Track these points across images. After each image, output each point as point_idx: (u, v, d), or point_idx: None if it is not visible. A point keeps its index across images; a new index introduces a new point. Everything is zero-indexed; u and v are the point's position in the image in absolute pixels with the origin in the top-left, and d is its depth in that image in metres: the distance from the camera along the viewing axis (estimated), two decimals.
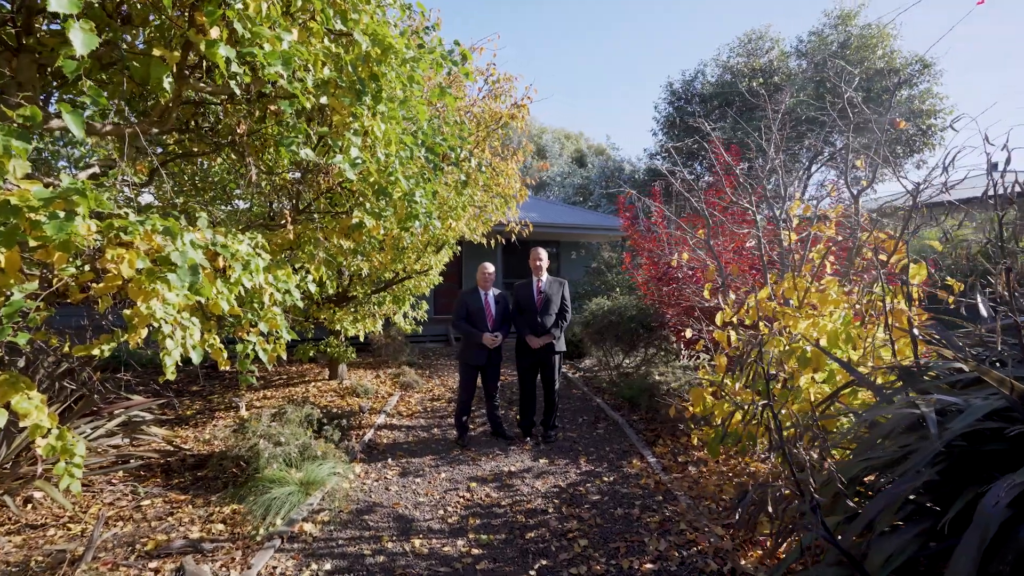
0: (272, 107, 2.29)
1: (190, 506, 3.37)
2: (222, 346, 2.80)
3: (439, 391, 6.93)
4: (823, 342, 3.14)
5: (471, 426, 5.14)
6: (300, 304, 2.85)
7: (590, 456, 4.46)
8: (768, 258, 4.81)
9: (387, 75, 2.35)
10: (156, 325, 1.77)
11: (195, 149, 3.37)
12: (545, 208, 14.32)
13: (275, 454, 3.58)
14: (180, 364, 2.05)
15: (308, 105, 2.08)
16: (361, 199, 3.65)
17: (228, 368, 2.76)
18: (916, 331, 2.61)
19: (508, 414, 5.73)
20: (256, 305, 2.83)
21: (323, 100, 2.15)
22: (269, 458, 3.55)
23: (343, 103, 2.21)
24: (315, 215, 3.55)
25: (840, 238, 3.79)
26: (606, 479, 3.97)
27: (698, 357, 6.00)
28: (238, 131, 2.48)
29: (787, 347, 3.15)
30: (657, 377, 4.92)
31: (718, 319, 3.51)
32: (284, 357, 2.70)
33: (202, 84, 2.31)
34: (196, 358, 1.92)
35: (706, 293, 4.19)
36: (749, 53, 16.43)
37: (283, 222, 3.18)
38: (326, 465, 3.72)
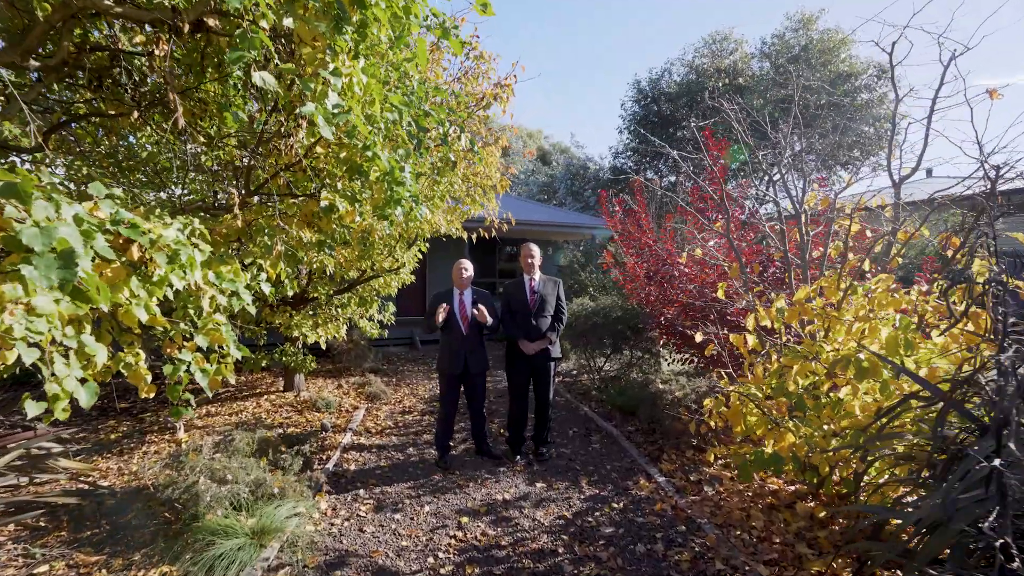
0: (212, 21, 1.63)
1: (104, 570, 2.61)
2: (145, 366, 2.12)
3: (409, 402, 6.27)
4: (874, 347, 2.76)
5: (450, 443, 4.52)
6: (251, 309, 2.19)
7: (591, 477, 3.96)
8: (780, 254, 4.46)
9: (376, 4, 1.74)
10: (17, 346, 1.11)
11: (111, 112, 2.63)
12: (515, 205, 13.82)
13: (219, 495, 2.87)
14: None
15: (265, 24, 1.46)
16: (329, 180, 2.99)
17: (154, 395, 2.07)
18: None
19: (489, 426, 5.16)
20: (192, 311, 2.15)
21: (288, 23, 1.53)
22: (212, 501, 2.84)
23: (316, 30, 1.59)
24: (272, 198, 2.87)
25: (869, 232, 3.46)
26: (616, 505, 3.48)
27: (692, 361, 5.63)
28: (157, 56, 1.79)
29: (837, 355, 2.75)
30: (660, 385, 4.49)
31: (749, 323, 3.08)
32: (232, 380, 2.03)
33: (108, 2, 1.62)
34: (86, 399, 1.25)
35: (720, 293, 3.78)
36: (714, 54, 16.52)
37: (230, 205, 2.50)
38: (285, 505, 3.04)
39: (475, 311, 3.99)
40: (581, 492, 3.70)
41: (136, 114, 1.99)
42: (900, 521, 1.99)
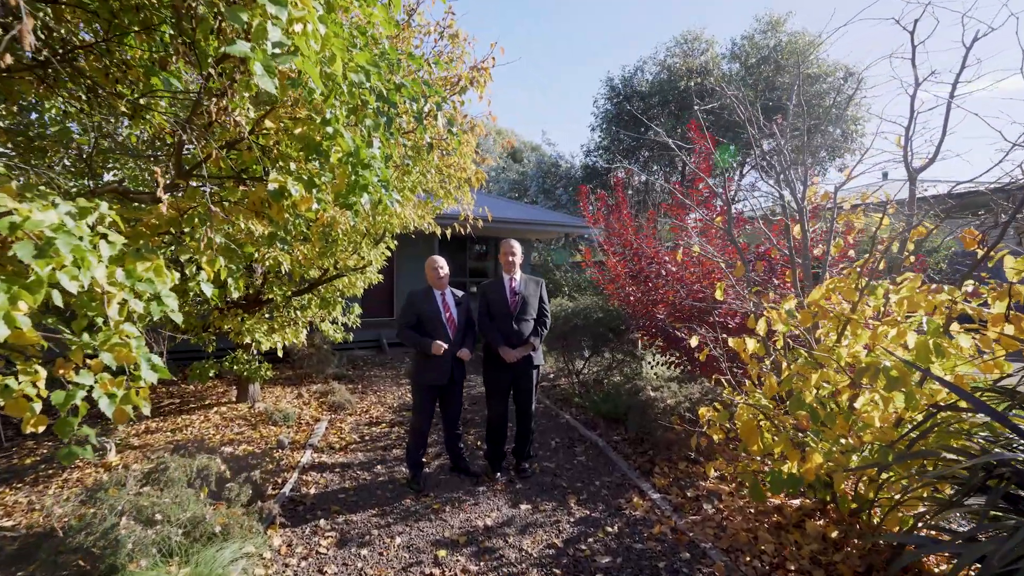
0: None
1: None
2: (36, 391, 1.65)
3: (377, 411, 5.79)
4: (899, 353, 2.51)
5: (424, 459, 4.08)
6: (177, 317, 1.74)
7: (580, 495, 3.62)
8: (772, 251, 4.24)
9: None
10: None
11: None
12: (489, 202, 13.44)
13: (145, 540, 2.37)
14: None
15: None
16: (282, 162, 2.54)
17: (43, 428, 1.61)
18: None
19: (465, 438, 4.76)
20: (99, 319, 1.68)
21: None
22: (135, 548, 2.34)
23: None
24: (209, 180, 2.39)
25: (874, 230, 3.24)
26: (610, 529, 3.14)
27: (678, 364, 5.37)
28: None
29: (855, 361, 2.49)
30: (651, 393, 4.19)
31: (760, 326, 2.80)
32: (146, 410, 1.57)
33: None
34: None
35: (718, 293, 3.50)
36: (685, 54, 16.54)
37: (153, 189, 2.03)
38: (229, 547, 2.56)
39: (461, 354, 3.66)
40: (570, 514, 3.35)
41: (9, 57, 1.50)
42: (957, 558, 1.71)
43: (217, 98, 1.76)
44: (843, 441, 2.62)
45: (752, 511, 3.28)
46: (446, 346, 3.52)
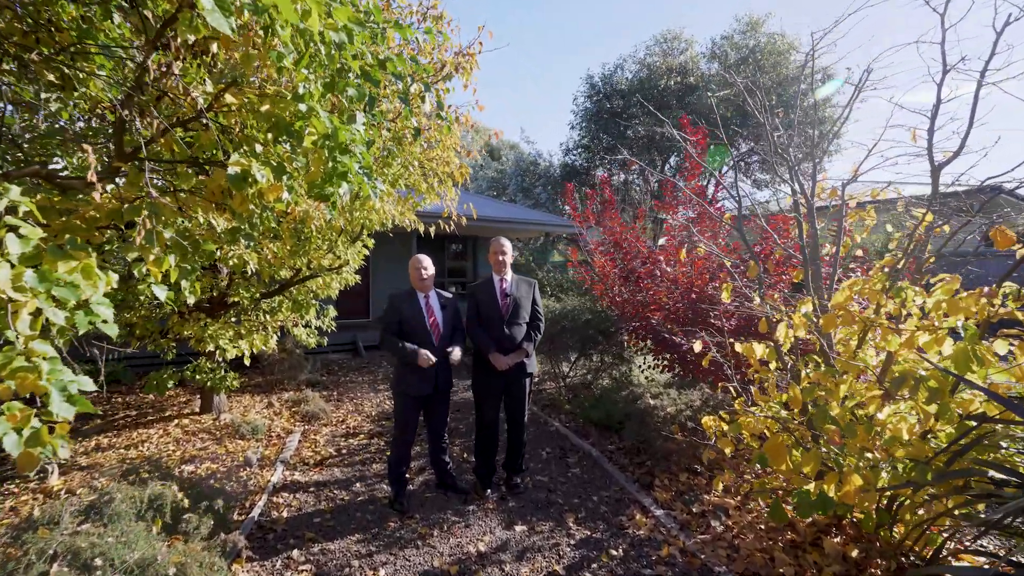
0: None
1: None
2: None
3: (354, 421, 5.42)
4: (933, 361, 2.32)
5: (407, 475, 3.73)
6: (111, 330, 1.40)
7: (578, 513, 3.36)
8: (779, 252, 4.06)
9: None
10: None
11: None
12: (469, 200, 13.09)
13: None
14: None
15: None
16: (247, 146, 2.19)
17: None
18: None
19: (451, 449, 4.46)
20: (11, 334, 1.33)
21: None
22: None
23: None
24: (159, 164, 2.03)
25: (889, 228, 3.07)
26: (614, 552, 2.89)
27: (670, 368, 5.18)
28: None
29: (892, 371, 2.29)
30: (650, 400, 3.96)
31: (780, 332, 2.58)
32: (63, 452, 1.23)
33: None
34: None
35: (724, 295, 3.29)
36: (665, 53, 16.51)
37: (84, 171, 1.68)
38: None
39: (450, 352, 3.33)
40: (569, 535, 3.09)
41: None
42: None
43: (159, 50, 1.42)
44: (868, 456, 2.42)
45: (763, 528, 3.08)
46: (434, 360, 3.22)
